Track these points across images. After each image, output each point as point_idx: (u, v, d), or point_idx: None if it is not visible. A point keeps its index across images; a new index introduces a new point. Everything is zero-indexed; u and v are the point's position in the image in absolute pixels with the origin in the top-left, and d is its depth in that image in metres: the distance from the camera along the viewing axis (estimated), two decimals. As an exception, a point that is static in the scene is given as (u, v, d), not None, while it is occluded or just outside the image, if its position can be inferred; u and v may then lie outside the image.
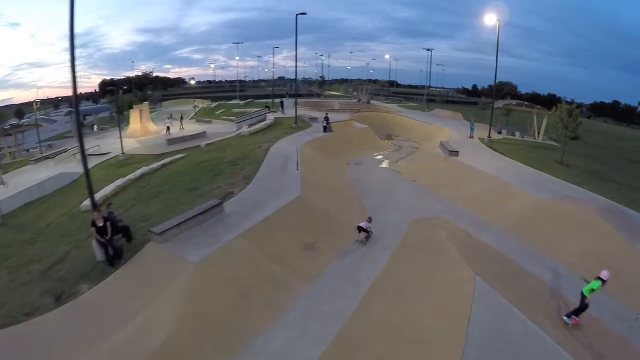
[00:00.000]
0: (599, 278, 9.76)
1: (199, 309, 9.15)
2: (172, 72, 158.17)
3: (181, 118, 43.64)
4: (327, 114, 31.31)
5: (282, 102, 45.67)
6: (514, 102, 33.37)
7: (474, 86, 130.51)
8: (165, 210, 14.46)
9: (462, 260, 11.81)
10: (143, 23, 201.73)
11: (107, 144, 35.23)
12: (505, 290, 10.53)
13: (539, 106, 32.58)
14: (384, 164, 26.26)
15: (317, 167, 20.68)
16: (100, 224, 10.75)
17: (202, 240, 11.39)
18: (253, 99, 71.64)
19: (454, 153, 22.28)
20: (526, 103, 32.93)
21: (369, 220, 13.89)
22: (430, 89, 72.50)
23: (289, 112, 38.76)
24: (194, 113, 56.14)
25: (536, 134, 32.55)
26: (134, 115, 41.08)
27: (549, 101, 79.50)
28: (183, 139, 34.18)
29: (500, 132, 32.99)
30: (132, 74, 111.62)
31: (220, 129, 38.23)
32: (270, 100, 54.90)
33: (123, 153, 30.09)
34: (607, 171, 25.06)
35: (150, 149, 32.76)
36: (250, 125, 33.76)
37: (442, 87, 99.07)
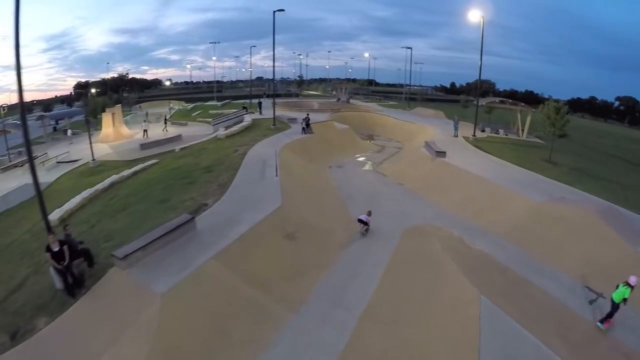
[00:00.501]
0: (627, 284, 9.07)
1: (168, 348, 7.74)
2: (150, 74, 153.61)
3: (165, 120, 41.84)
4: (307, 114, 29.92)
5: (260, 103, 44.17)
6: (497, 99, 32.85)
7: (452, 84, 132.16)
8: (133, 226, 13.00)
9: (462, 276, 10.66)
10: (120, 24, 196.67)
11: (78, 150, 32.94)
12: (512, 308, 9.49)
13: (523, 103, 32.21)
14: (368, 166, 25.09)
15: (298, 172, 19.27)
16: (56, 248, 9.18)
17: (171, 264, 9.80)
18: (231, 100, 69.57)
19: (441, 154, 21.29)
20: (510, 100, 32.51)
21: (369, 214, 14.36)
22: (409, 86, 71.95)
23: (267, 113, 37.40)
24: (169, 115, 53.76)
25: (520, 131, 32.14)
26: (106, 119, 38.90)
27: (527, 98, 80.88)
28: (157, 143, 32.31)
29: (483, 130, 32.41)
30: (108, 75, 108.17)
31: (197, 131, 36.69)
32: (247, 101, 53.14)
33: (94, 160, 28.00)
34: (594, 169, 24.69)
35: (123, 154, 30.80)
36: (227, 128, 32.25)
37: (421, 85, 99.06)
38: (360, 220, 14.10)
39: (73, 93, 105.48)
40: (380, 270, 11.27)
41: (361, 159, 27.29)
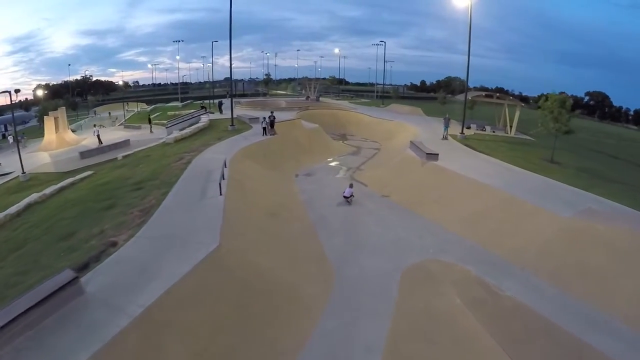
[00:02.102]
0: None
1: None
2: (117, 76, 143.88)
3: (149, 120, 38.42)
4: (272, 112, 25.20)
5: (220, 103, 40.25)
6: (483, 93, 29.59)
7: (423, 82, 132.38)
8: (12, 282, 8.73)
9: (504, 356, 6.55)
10: (86, 25, 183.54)
11: (15, 160, 27.41)
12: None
13: (511, 97, 29.14)
14: (343, 173, 20.87)
15: (253, 187, 14.73)
16: None
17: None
18: (193, 101, 64.81)
19: (433, 156, 17.35)
20: (498, 94, 29.32)
21: (351, 186, 15.61)
22: (382, 86, 68.43)
23: (229, 113, 33.19)
24: (124, 119, 48.30)
25: (509, 128, 29.01)
26: (49, 124, 33.73)
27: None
28: (100, 150, 27.57)
29: (469, 127, 28.97)
30: (71, 78, 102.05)
31: (150, 135, 32.61)
32: (208, 101, 48.28)
33: (24, 173, 22.72)
34: (599, 169, 21.63)
35: (60, 165, 25.57)
36: (182, 130, 27.47)
37: (392, 84, 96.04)
38: (345, 197, 15.07)
39: (33, 97, 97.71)
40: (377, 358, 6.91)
41: (334, 163, 23.09)
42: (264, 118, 23.78)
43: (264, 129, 22.96)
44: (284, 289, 8.48)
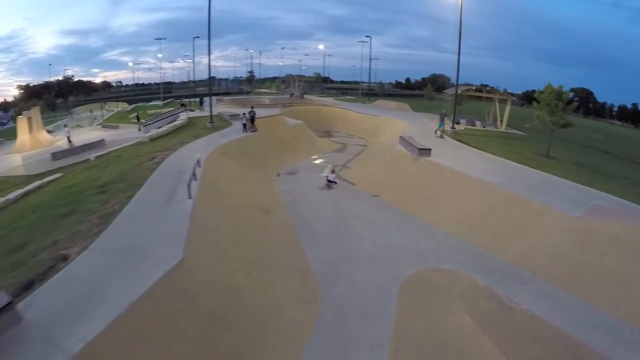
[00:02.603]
0: None
1: None
2: (101, 76, 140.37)
3: (138, 118, 36.80)
4: (252, 107, 23.57)
5: (201, 100, 38.58)
6: (473, 86, 28.53)
7: (407, 79, 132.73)
8: None
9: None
10: (69, 24, 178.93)
11: None
12: None
13: (501, 91, 28.28)
14: (328, 171, 19.48)
15: (228, 188, 13.21)
16: None
17: None
18: (174, 99, 62.53)
19: (425, 152, 16.10)
20: (488, 87, 28.31)
21: (333, 171, 16.83)
22: (367, 83, 67.19)
23: (215, 110, 31.88)
24: (102, 119, 45.99)
25: (499, 122, 28.11)
26: (21, 124, 32.10)
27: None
28: (73, 151, 25.71)
29: (458, 123, 27.91)
30: (52, 79, 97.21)
31: (127, 134, 30.47)
32: (189, 99, 46.37)
33: None
34: (596, 164, 20.82)
35: (30, 167, 23.62)
36: (159, 128, 25.85)
37: (380, 82, 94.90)
38: (328, 181, 15.91)
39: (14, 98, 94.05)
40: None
41: (319, 161, 21.70)
42: (244, 114, 22.20)
43: (244, 125, 21.40)
44: (260, 315, 6.95)
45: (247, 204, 12.47)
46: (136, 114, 38.52)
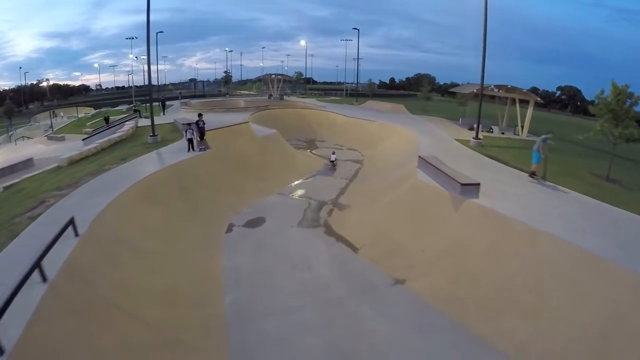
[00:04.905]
0: None
1: None
2: (82, 79, 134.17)
3: (107, 120, 31.42)
4: (200, 115, 16.71)
5: (163, 103, 32.75)
6: (492, 85, 22.37)
7: (392, 79, 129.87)
8: None
9: None
10: (50, 27, 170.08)
11: None
12: None
13: (524, 90, 22.75)
14: (312, 215, 13.21)
15: (130, 264, 6.69)
16: None
17: None
18: (140, 103, 55.55)
19: (472, 188, 9.93)
20: (509, 85, 22.13)
21: (333, 152, 19.69)
22: (354, 84, 60.86)
23: (175, 115, 26.82)
24: (51, 128, 38.45)
25: (519, 128, 22.50)
26: None
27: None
28: None
29: (472, 129, 22.14)
30: (25, 83, 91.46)
31: (68, 148, 23.14)
32: (145, 104, 39.31)
33: None
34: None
35: None
36: (96, 143, 19.44)
37: (362, 82, 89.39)
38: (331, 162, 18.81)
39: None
40: None
41: (298, 194, 15.35)
42: (189, 125, 15.61)
43: (189, 141, 14.83)
44: None
45: (141, 319, 6.01)
46: (105, 117, 32.15)
